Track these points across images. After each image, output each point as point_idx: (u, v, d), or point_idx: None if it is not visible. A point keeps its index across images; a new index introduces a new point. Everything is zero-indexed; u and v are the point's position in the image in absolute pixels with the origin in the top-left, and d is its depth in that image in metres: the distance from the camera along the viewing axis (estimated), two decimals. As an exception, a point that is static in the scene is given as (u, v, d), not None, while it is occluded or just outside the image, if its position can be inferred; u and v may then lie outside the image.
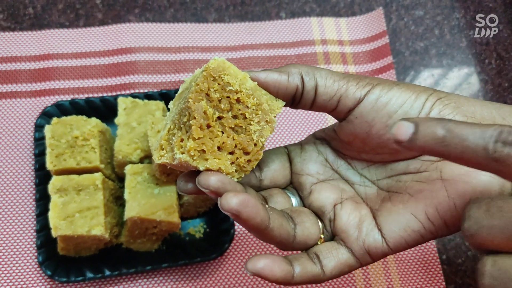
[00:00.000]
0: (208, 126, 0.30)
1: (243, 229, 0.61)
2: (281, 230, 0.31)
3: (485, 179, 0.30)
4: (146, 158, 0.57)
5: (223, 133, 0.31)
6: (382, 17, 0.73)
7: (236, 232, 0.60)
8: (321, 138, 0.37)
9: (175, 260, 0.56)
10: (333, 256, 0.32)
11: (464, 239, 0.23)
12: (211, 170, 0.30)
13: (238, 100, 0.31)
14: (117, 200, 0.58)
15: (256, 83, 0.32)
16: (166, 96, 0.62)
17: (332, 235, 0.34)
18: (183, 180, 0.32)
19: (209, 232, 0.60)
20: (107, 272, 0.55)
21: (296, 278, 0.31)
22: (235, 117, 0.31)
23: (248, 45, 0.71)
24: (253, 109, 0.31)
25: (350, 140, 0.34)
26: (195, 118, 0.29)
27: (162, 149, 0.32)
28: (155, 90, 0.64)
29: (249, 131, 0.31)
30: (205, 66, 0.30)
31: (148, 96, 0.62)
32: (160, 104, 0.59)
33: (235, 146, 0.31)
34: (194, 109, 0.29)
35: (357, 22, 0.74)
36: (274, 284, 0.58)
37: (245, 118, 0.31)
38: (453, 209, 0.30)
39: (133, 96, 0.61)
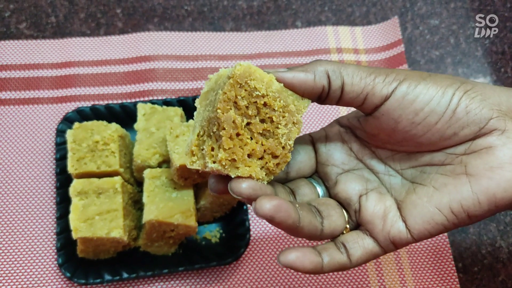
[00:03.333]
0: (238, 134, 0.31)
1: (259, 234, 0.61)
2: (310, 226, 0.32)
3: (508, 176, 0.30)
4: (164, 162, 0.58)
5: (251, 138, 0.31)
6: (398, 26, 0.74)
7: (251, 237, 0.61)
8: (345, 126, 0.37)
9: (192, 264, 0.57)
10: (359, 246, 0.34)
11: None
12: (242, 177, 0.31)
13: (265, 104, 0.31)
14: (135, 204, 0.59)
15: (282, 84, 0.32)
16: (184, 103, 0.63)
17: (357, 224, 0.35)
18: (214, 180, 0.33)
19: (225, 237, 0.60)
20: (125, 275, 0.56)
21: (325, 267, 0.32)
22: (262, 121, 0.31)
23: (264, 54, 0.72)
24: (280, 112, 0.31)
25: (376, 133, 0.34)
26: (224, 128, 0.30)
27: (193, 155, 0.33)
28: (173, 97, 0.65)
29: (277, 134, 0.32)
30: (232, 73, 0.30)
31: (167, 103, 0.63)
32: (179, 110, 0.60)
33: (264, 151, 0.31)
34: (224, 120, 0.30)
35: (372, 31, 0.74)
36: (289, 289, 0.59)
37: (273, 121, 0.31)
38: (476, 204, 0.31)
39: (152, 102, 0.62)
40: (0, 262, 0.58)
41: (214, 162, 0.31)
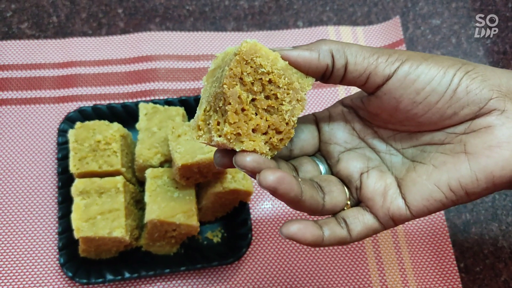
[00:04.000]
0: (243, 109, 0.32)
1: (261, 234, 0.61)
2: (312, 200, 0.33)
3: (507, 154, 0.31)
4: (166, 162, 0.58)
5: (256, 114, 0.32)
6: (399, 26, 0.74)
7: (253, 237, 0.61)
8: (348, 106, 0.38)
9: (193, 263, 0.57)
10: (360, 221, 0.34)
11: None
12: (246, 151, 0.32)
13: (270, 81, 0.32)
14: (137, 203, 0.59)
15: (287, 62, 0.32)
16: (185, 103, 0.63)
17: (358, 201, 0.36)
18: (220, 155, 0.34)
19: (226, 237, 0.60)
20: (127, 275, 0.56)
21: (325, 240, 0.33)
22: (267, 97, 0.32)
23: (266, 53, 0.72)
24: (284, 89, 0.32)
25: (378, 113, 0.35)
26: (230, 103, 0.31)
27: (200, 129, 0.33)
28: (175, 97, 0.65)
29: (281, 111, 0.32)
30: (238, 50, 0.31)
31: (168, 103, 0.63)
32: (180, 110, 0.60)
33: (268, 126, 0.32)
34: (229, 95, 0.31)
35: (374, 30, 0.74)
36: (291, 289, 0.59)
37: (277, 98, 0.32)
38: (474, 181, 0.32)
39: (154, 102, 0.62)
40: (2, 261, 0.58)
41: (219, 136, 0.32)
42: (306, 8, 0.76)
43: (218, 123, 0.32)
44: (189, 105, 0.63)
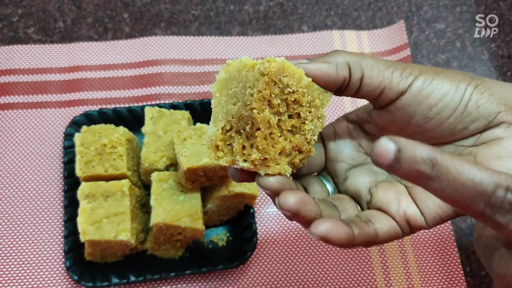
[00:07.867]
0: (270, 133, 0.30)
1: (266, 237, 0.61)
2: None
3: None
4: (172, 165, 0.58)
5: (280, 135, 0.31)
6: (404, 30, 0.74)
7: (258, 241, 0.61)
8: (353, 121, 0.38)
9: (198, 267, 0.57)
10: (385, 221, 0.33)
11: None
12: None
13: (294, 100, 0.31)
14: (142, 207, 0.59)
15: (310, 79, 0.31)
16: (191, 107, 0.64)
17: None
18: (236, 169, 0.33)
19: (232, 240, 0.60)
20: (132, 278, 0.56)
21: (356, 239, 0.31)
22: (290, 116, 0.31)
23: (271, 58, 0.72)
24: (307, 107, 0.31)
25: (387, 127, 0.35)
26: (259, 129, 0.30)
27: (219, 150, 0.32)
28: (180, 101, 0.66)
29: (303, 130, 0.32)
30: (266, 70, 0.30)
31: (174, 107, 0.63)
32: (186, 113, 0.61)
33: (292, 147, 0.31)
34: (260, 121, 0.30)
35: (378, 35, 0.75)
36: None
37: (299, 116, 0.31)
38: None
39: (159, 106, 0.62)
40: (9, 265, 0.59)
41: (245, 161, 0.30)
42: (311, 13, 0.76)
43: (243, 147, 0.31)
44: (195, 109, 0.64)
